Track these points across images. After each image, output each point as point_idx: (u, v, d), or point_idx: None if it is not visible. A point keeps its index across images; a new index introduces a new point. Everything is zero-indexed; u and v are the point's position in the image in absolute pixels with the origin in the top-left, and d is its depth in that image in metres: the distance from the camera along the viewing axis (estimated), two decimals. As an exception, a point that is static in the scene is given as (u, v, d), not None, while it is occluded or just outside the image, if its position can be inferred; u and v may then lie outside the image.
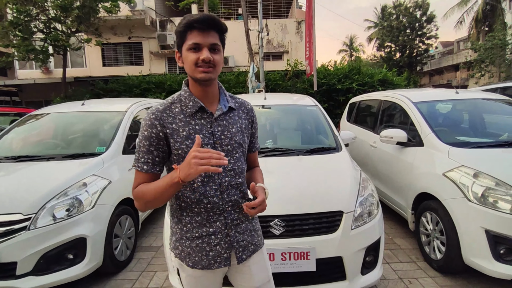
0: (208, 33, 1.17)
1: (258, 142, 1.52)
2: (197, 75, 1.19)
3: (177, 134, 1.21)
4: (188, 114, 1.24)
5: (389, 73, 9.37)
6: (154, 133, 1.20)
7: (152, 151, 1.21)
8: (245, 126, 1.37)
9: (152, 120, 1.21)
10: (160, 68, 15.02)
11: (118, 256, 3.04)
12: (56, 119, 3.98)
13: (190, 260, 1.29)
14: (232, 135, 1.29)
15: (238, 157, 1.32)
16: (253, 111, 1.43)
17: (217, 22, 1.19)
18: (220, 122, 1.28)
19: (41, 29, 9.24)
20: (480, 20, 23.20)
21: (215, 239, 1.28)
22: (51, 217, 2.54)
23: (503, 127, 3.63)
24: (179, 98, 1.27)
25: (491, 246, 2.48)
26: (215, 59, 1.19)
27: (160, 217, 4.36)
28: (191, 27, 1.16)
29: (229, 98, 1.35)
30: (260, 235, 1.45)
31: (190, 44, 1.17)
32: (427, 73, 34.04)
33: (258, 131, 1.51)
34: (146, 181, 1.22)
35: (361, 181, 2.62)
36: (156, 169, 1.24)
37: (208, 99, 1.28)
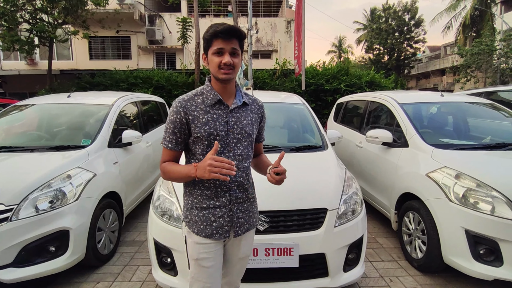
0: (230, 41, 1.41)
1: (264, 134, 1.77)
2: (219, 76, 1.44)
3: (197, 120, 1.45)
4: (208, 104, 1.48)
5: (377, 75, 9.50)
6: (179, 119, 1.46)
7: (175, 132, 1.48)
8: (255, 119, 1.61)
9: (178, 107, 1.46)
10: (148, 64, 14.84)
11: (101, 250, 3.01)
12: (41, 110, 3.90)
13: (196, 227, 1.52)
14: (243, 126, 1.53)
15: (246, 145, 1.55)
16: (263, 108, 1.68)
17: (238, 31, 1.43)
18: (234, 114, 1.52)
19: (27, 19, 9.00)
20: (467, 25, 23.74)
21: (220, 212, 1.51)
22: (34, 208, 2.49)
23: (486, 130, 3.72)
24: (202, 91, 1.52)
25: (471, 246, 2.54)
26: (235, 62, 1.44)
27: (145, 212, 4.31)
28: (216, 36, 1.41)
29: (244, 95, 1.59)
30: (256, 217, 1.68)
31: (215, 49, 1.42)
32: (414, 76, 34.64)
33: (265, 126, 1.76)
34: (170, 157, 1.52)
35: (346, 179, 2.65)
36: (178, 147, 1.51)
37: (226, 94, 1.52)
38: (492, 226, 2.46)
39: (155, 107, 5.39)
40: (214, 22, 1.42)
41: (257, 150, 1.78)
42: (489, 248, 2.51)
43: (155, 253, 2.37)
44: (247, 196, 1.59)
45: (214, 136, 1.46)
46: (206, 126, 1.45)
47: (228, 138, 1.49)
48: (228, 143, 1.49)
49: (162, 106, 5.71)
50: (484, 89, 6.14)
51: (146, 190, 4.31)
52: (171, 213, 2.31)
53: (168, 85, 9.00)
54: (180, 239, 2.20)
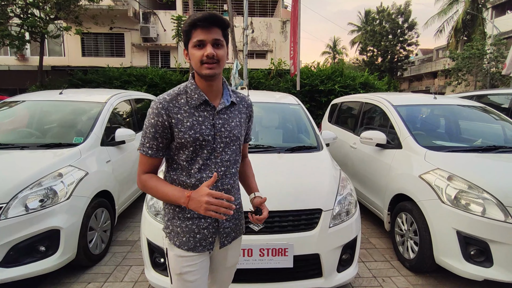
0: (210, 30, 1.25)
1: (251, 134, 1.63)
2: (202, 71, 1.27)
3: (181, 124, 1.30)
4: (192, 106, 1.33)
5: (370, 77, 9.57)
6: (160, 122, 1.28)
7: (157, 138, 1.30)
8: (243, 120, 1.48)
9: (159, 109, 1.28)
10: (142, 61, 14.73)
11: (93, 249, 2.96)
12: (32, 107, 3.84)
13: (178, 239, 1.38)
14: (231, 129, 1.39)
15: (235, 149, 1.42)
16: (252, 107, 1.54)
17: (219, 18, 1.26)
18: (222, 115, 1.37)
19: (18, 14, 8.85)
20: (459, 29, 24.07)
21: (204, 223, 1.38)
22: (23, 207, 2.44)
23: (477, 133, 3.78)
24: (185, 90, 1.35)
25: (462, 247, 2.57)
26: (219, 54, 1.27)
27: (137, 212, 4.28)
28: (195, 25, 1.24)
29: (231, 93, 1.44)
30: (242, 224, 1.56)
31: (194, 42, 1.25)
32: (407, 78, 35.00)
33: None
34: (150, 166, 1.35)
35: (340, 180, 2.66)
36: (160, 154, 1.34)
37: (212, 93, 1.36)
38: (483, 227, 2.49)
39: (149, 105, 5.31)
40: None
41: (242, 152, 1.62)
42: (480, 249, 2.54)
43: (148, 253, 2.34)
44: (233, 203, 1.41)
45: (200, 142, 1.32)
46: (192, 130, 1.30)
47: (215, 143, 1.35)
48: (215, 148, 1.35)
49: (156, 104, 5.64)
50: (475, 93, 6.22)
51: (138, 190, 4.27)
52: (165, 212, 2.28)
53: (162, 83, 8.95)
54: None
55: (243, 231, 1.58)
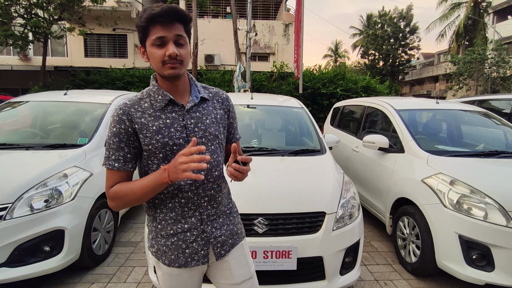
0: (171, 26, 1.11)
1: (238, 132, 1.47)
2: (165, 73, 1.15)
3: (146, 129, 1.17)
4: (158, 108, 1.20)
5: (372, 81, 9.60)
6: (123, 129, 1.16)
7: (122, 147, 1.17)
8: (220, 116, 1.32)
9: (120, 115, 1.16)
10: (144, 62, 14.76)
11: (96, 250, 2.98)
12: (37, 107, 3.86)
13: (166, 258, 1.26)
14: (206, 127, 1.24)
15: (214, 149, 1.28)
16: (228, 100, 1.38)
17: (181, 13, 1.13)
18: (193, 114, 1.23)
19: (22, 14, 8.91)
20: (460, 34, 24.14)
21: (191, 236, 1.25)
22: (28, 207, 2.46)
23: (479, 138, 3.80)
24: (148, 93, 1.23)
25: (464, 251, 2.58)
26: (182, 53, 1.14)
27: (140, 213, 4.30)
28: (153, 21, 1.10)
29: (201, 88, 1.30)
30: (239, 229, 1.41)
31: (154, 40, 1.11)
32: (408, 82, 35.04)
33: (237, 122, 1.46)
34: (119, 180, 1.19)
35: (343, 183, 2.68)
36: (129, 166, 1.20)
37: (178, 92, 1.23)
38: (485, 232, 2.51)
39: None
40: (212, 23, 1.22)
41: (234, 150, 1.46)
42: (481, 253, 2.56)
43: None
44: (221, 210, 1.33)
45: (170, 147, 1.18)
46: (159, 135, 1.17)
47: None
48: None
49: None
50: (477, 97, 6.25)
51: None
52: (170, 214, 2.30)
53: (165, 85, 8.98)
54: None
55: (242, 236, 1.42)
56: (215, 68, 12.58)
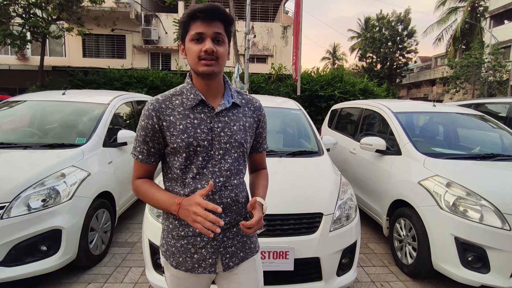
0: (211, 23, 1.12)
1: (266, 143, 1.44)
2: (199, 68, 1.14)
3: (173, 127, 1.17)
4: (188, 107, 1.19)
5: (370, 83, 9.64)
6: (150, 125, 1.18)
7: (147, 141, 1.20)
8: (249, 124, 1.29)
9: (150, 111, 1.18)
10: (143, 63, 14.78)
11: (93, 250, 2.97)
12: (35, 107, 3.86)
13: (174, 260, 1.25)
14: (232, 133, 1.22)
15: (237, 157, 1.25)
16: (261, 110, 1.36)
17: (222, 12, 1.13)
18: (222, 118, 1.22)
19: (20, 13, 8.89)
20: (457, 38, 24.34)
21: (201, 241, 1.22)
22: (26, 207, 2.45)
23: (475, 141, 3.83)
24: (181, 90, 1.23)
25: (460, 253, 2.60)
26: (219, 51, 1.13)
27: (137, 213, 4.29)
28: (194, 17, 1.12)
29: (235, 93, 1.29)
30: (254, 242, 1.36)
31: (192, 35, 1.12)
32: (405, 85, 35.24)
33: (266, 133, 1.43)
34: (142, 171, 1.25)
35: (341, 185, 2.69)
36: (151, 159, 1.23)
37: (211, 93, 1.22)
38: (481, 234, 2.53)
39: (150, 108, 5.36)
40: None
41: (256, 163, 1.45)
42: (477, 255, 2.58)
43: (150, 254, 2.36)
44: (236, 220, 1.27)
45: (194, 147, 1.17)
46: (184, 134, 1.16)
47: (213, 149, 1.19)
48: (213, 156, 1.20)
49: (157, 106, 5.68)
50: (474, 101, 6.30)
51: (139, 191, 4.27)
52: (167, 214, 2.30)
53: (163, 86, 8.99)
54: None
55: (255, 251, 1.36)
56: (213, 70, 12.57)
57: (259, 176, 1.43)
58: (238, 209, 1.27)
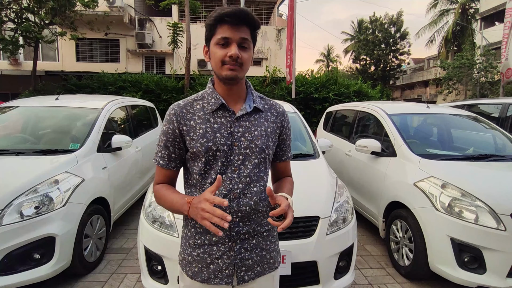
0: (238, 28, 1.10)
1: (290, 151, 1.39)
2: (222, 73, 1.13)
3: (193, 131, 1.16)
4: (208, 111, 1.18)
5: (364, 85, 9.68)
6: (171, 129, 1.18)
7: (168, 146, 1.20)
8: (271, 130, 1.25)
9: (171, 115, 1.18)
10: (137, 67, 14.71)
11: (88, 257, 2.94)
12: (28, 113, 3.82)
13: (190, 270, 1.22)
14: (253, 138, 1.19)
15: (257, 163, 1.20)
16: (284, 115, 1.31)
17: (250, 17, 1.11)
18: (242, 122, 1.19)
19: (12, 18, 8.80)
20: (449, 40, 24.63)
21: (217, 251, 1.19)
22: (18, 214, 2.42)
23: (469, 142, 3.86)
24: (203, 95, 1.23)
25: (456, 254, 2.61)
26: (243, 56, 1.12)
27: (132, 219, 4.25)
28: (222, 20, 1.10)
29: (257, 98, 1.27)
30: (274, 257, 1.29)
31: (218, 39, 1.11)
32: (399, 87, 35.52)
33: (290, 140, 1.38)
34: (163, 177, 1.24)
35: (337, 187, 2.69)
36: (172, 165, 1.22)
37: (232, 97, 1.21)
38: (476, 234, 2.54)
39: (145, 112, 5.34)
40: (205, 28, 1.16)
41: (280, 172, 1.40)
42: (473, 256, 2.59)
43: (145, 261, 2.33)
44: (256, 231, 1.22)
45: (213, 152, 1.15)
46: (204, 138, 1.15)
47: (232, 154, 1.16)
48: (232, 161, 1.17)
49: (152, 110, 5.67)
50: (466, 102, 6.36)
51: (134, 196, 4.25)
52: (163, 220, 2.28)
53: (158, 90, 8.95)
54: (172, 246, 2.19)
55: (274, 267, 1.29)
56: (208, 73, 12.58)
57: (283, 180, 1.38)
58: (258, 218, 1.22)
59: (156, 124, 5.61)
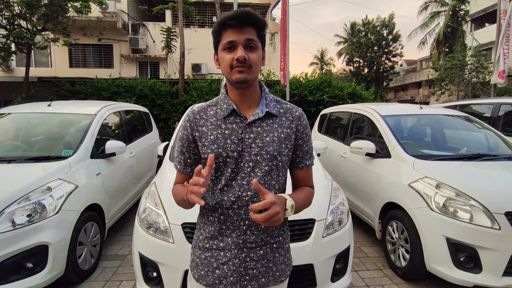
0: (243, 30, 1.09)
1: (309, 158, 1.28)
2: (232, 77, 1.11)
3: (205, 137, 1.17)
4: (220, 117, 1.17)
5: (358, 87, 9.74)
6: (185, 135, 1.20)
7: (183, 152, 1.23)
8: (286, 135, 1.19)
9: (186, 121, 1.21)
10: (131, 72, 14.66)
11: (82, 265, 2.90)
12: (19, 119, 3.78)
13: (197, 272, 1.22)
14: (264, 145, 1.15)
15: (268, 170, 1.16)
16: (300, 119, 1.24)
17: (253, 16, 1.10)
18: (254, 128, 1.16)
19: (4, 25, 8.74)
20: (441, 41, 24.93)
21: (224, 257, 1.18)
22: (10, 223, 2.38)
23: (462, 142, 3.89)
24: (216, 101, 1.22)
25: (452, 254, 2.62)
26: (251, 57, 1.10)
27: (127, 225, 4.21)
28: (225, 25, 1.09)
29: (271, 102, 1.22)
30: (281, 270, 1.24)
31: (224, 44, 1.10)
32: (392, 88, 35.79)
33: (309, 146, 1.28)
34: (181, 179, 1.26)
35: (332, 190, 2.69)
36: (187, 170, 1.24)
37: (245, 102, 1.18)
38: (471, 234, 2.56)
39: (139, 117, 5.32)
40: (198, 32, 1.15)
41: (298, 180, 1.31)
42: (469, 255, 2.60)
43: (140, 267, 2.30)
44: (264, 240, 1.19)
45: (223, 158, 1.13)
46: (215, 144, 1.14)
47: (243, 161, 1.14)
48: (242, 168, 1.14)
49: (146, 115, 5.64)
50: (459, 102, 6.42)
51: (129, 202, 4.21)
52: (158, 225, 2.26)
53: (152, 94, 8.92)
54: (167, 252, 2.17)
55: (280, 280, 1.24)
56: (202, 77, 12.57)
57: (299, 189, 1.30)
58: (268, 229, 1.19)
59: (150, 129, 5.58)
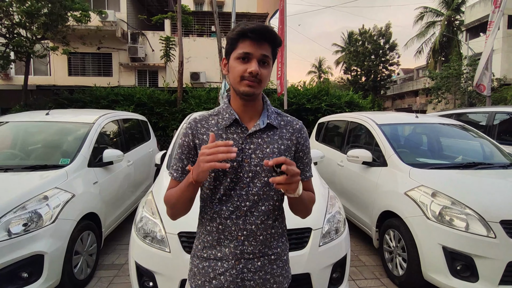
0: (260, 45, 1.10)
1: (310, 170, 1.32)
2: (240, 88, 1.12)
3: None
4: (222, 126, 1.17)
5: (355, 96, 9.81)
6: (186, 142, 1.19)
7: (183, 159, 1.20)
8: (286, 147, 1.20)
9: (187, 129, 1.20)
10: (130, 81, 14.72)
11: (78, 275, 2.88)
12: (17, 128, 3.79)
13: (194, 281, 1.22)
14: (264, 156, 1.15)
15: (267, 181, 1.15)
16: (301, 132, 1.25)
17: (272, 34, 1.11)
18: (255, 139, 1.16)
19: (4, 34, 8.80)
20: (437, 50, 25.20)
21: (221, 267, 1.17)
22: (6, 232, 2.37)
23: (458, 150, 3.92)
24: (219, 110, 1.22)
25: (448, 262, 2.62)
26: (263, 73, 1.11)
27: (123, 234, 4.19)
28: (244, 35, 1.09)
29: (273, 114, 1.23)
30: (278, 282, 1.23)
31: (240, 53, 1.10)
32: (390, 97, 36.02)
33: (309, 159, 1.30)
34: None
35: (329, 198, 2.70)
36: (184, 178, 1.19)
37: (247, 113, 1.19)
38: (467, 242, 2.56)
39: (137, 125, 5.33)
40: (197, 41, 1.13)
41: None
42: (465, 264, 2.60)
43: (137, 277, 2.29)
44: (262, 252, 1.19)
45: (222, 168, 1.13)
46: None
47: (242, 171, 1.14)
48: (241, 178, 1.15)
49: (144, 124, 5.65)
50: (455, 111, 6.47)
51: (126, 211, 4.20)
52: (154, 234, 2.26)
53: (150, 103, 8.95)
54: (163, 262, 2.16)
55: None
56: (201, 86, 12.64)
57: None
58: (266, 240, 1.20)
59: (148, 138, 5.59)
